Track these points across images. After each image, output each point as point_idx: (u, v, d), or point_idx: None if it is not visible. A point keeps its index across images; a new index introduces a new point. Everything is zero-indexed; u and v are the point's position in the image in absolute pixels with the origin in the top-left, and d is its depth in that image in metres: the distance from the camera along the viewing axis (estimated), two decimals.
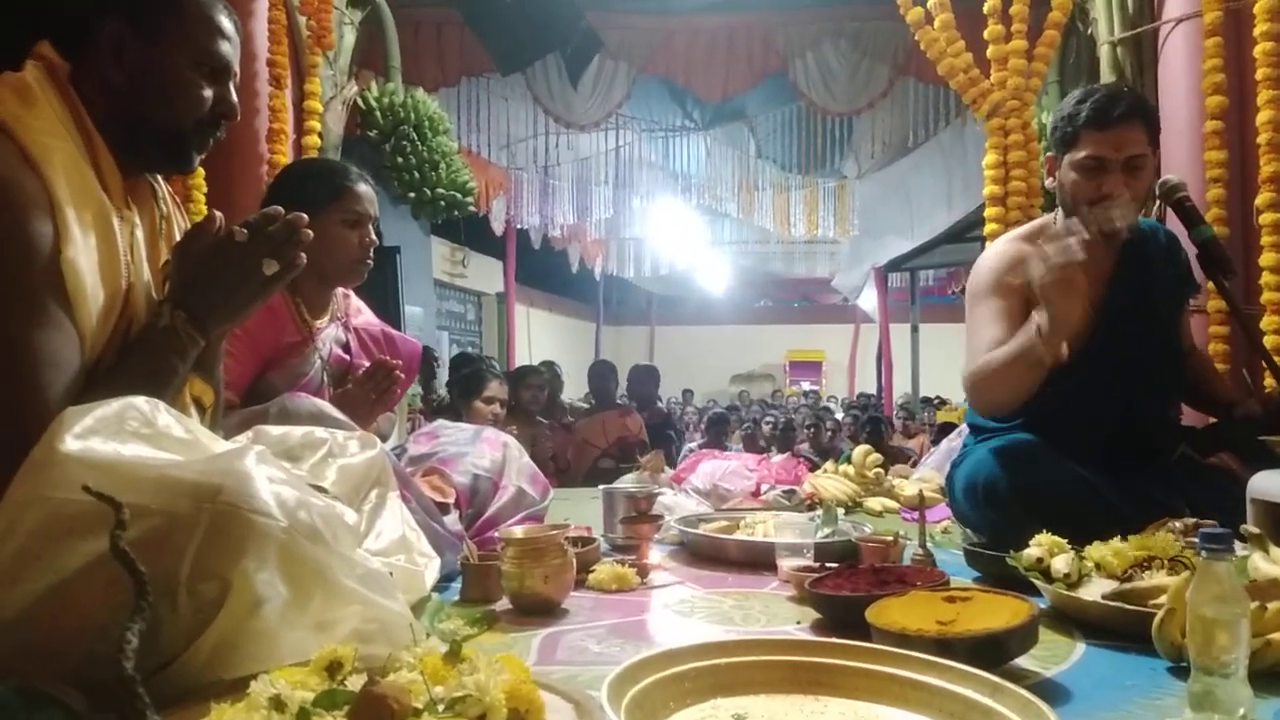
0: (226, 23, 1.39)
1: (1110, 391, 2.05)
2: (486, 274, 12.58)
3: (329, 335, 2.13)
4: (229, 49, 1.39)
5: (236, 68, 1.42)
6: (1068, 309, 1.78)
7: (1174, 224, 2.18)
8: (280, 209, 1.31)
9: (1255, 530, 1.60)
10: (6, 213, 1.15)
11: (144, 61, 1.30)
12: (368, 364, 2.19)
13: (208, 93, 1.36)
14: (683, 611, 1.69)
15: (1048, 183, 2.17)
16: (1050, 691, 1.22)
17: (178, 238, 1.46)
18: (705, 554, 2.16)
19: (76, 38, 1.30)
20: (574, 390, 7.69)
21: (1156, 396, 2.15)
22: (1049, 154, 2.14)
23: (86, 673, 0.97)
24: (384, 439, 2.41)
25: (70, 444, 0.99)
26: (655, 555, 2.07)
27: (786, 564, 1.84)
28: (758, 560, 2.03)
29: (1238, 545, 1.51)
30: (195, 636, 0.96)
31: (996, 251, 2.17)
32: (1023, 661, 1.29)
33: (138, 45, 1.30)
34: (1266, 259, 2.82)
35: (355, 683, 0.91)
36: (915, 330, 10.05)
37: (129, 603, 0.94)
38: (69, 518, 0.95)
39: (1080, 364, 1.99)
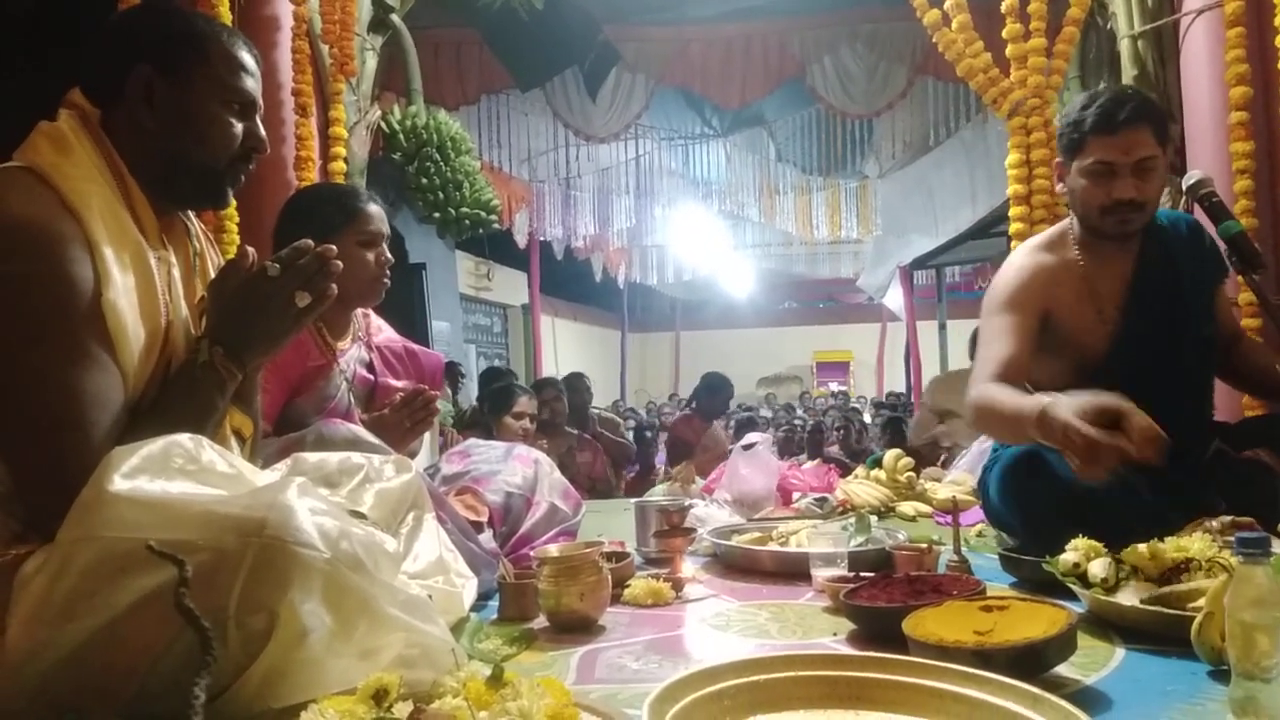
0: (248, 58, 1.42)
1: (1141, 392, 2.02)
2: (511, 286, 12.64)
3: (352, 356, 2.16)
4: (253, 84, 1.42)
5: (260, 101, 1.45)
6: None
7: (1200, 219, 2.17)
8: (310, 242, 1.34)
9: None
10: (47, 258, 1.18)
11: (174, 104, 1.34)
12: (392, 381, 2.21)
13: (237, 129, 1.39)
14: (718, 625, 1.70)
15: (1058, 188, 2.16)
16: (1091, 699, 1.22)
17: (212, 273, 1.49)
18: (739, 565, 2.16)
19: (107, 85, 1.33)
20: (602, 399, 7.71)
21: (1189, 392, 2.13)
22: (1057, 160, 2.13)
23: (139, 708, 1.00)
24: (413, 455, 2.44)
25: (118, 483, 1.02)
26: (689, 568, 2.08)
27: (821, 574, 1.85)
28: (792, 571, 2.03)
29: (1275, 545, 1.50)
30: (244, 668, 0.99)
31: (1015, 265, 2.15)
32: (1062, 669, 1.29)
33: (167, 88, 1.33)
34: None
35: (401, 709, 0.93)
36: (943, 328, 9.97)
37: (179, 637, 0.97)
38: (120, 556, 0.98)
39: (1107, 369, 1.99)
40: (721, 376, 6.30)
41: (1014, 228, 3.39)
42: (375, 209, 2.10)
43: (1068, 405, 1.61)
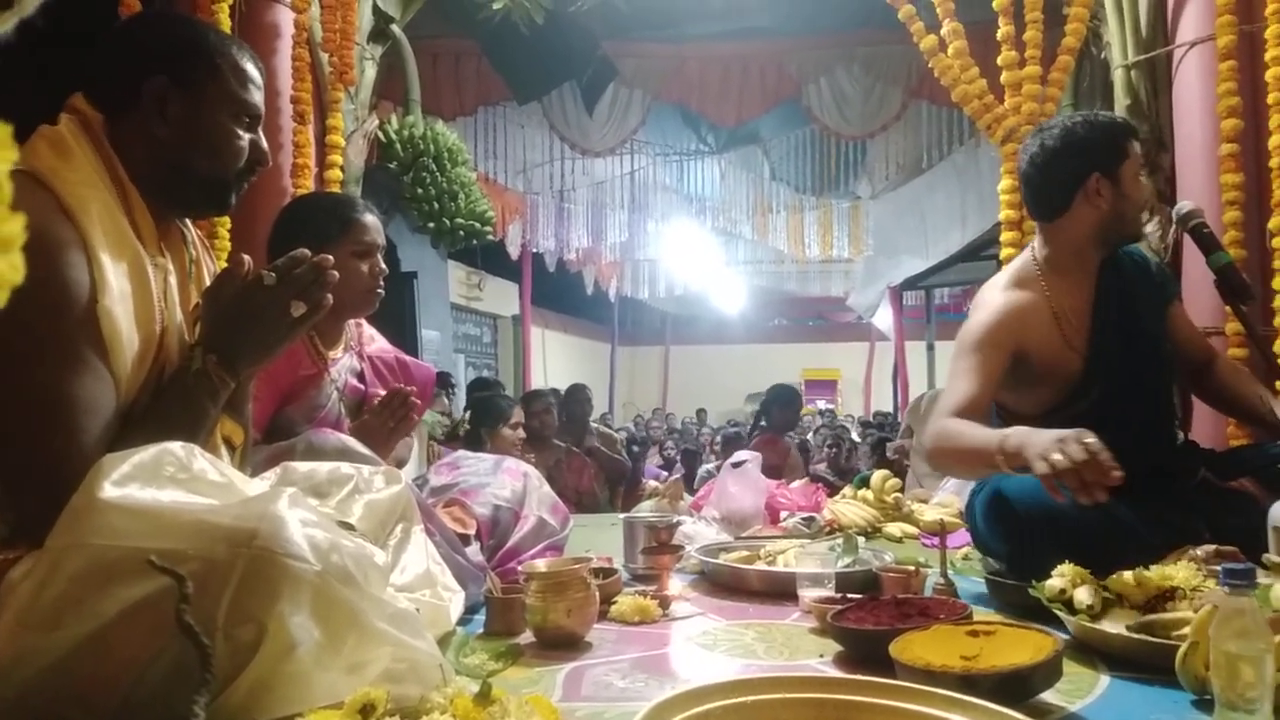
0: (255, 71, 1.43)
1: (1112, 417, 1.98)
2: (503, 297, 12.65)
3: (344, 366, 2.16)
4: (260, 97, 1.44)
5: (263, 112, 1.47)
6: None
7: (1191, 250, 2.19)
8: (306, 252, 1.34)
9: (1277, 559, 1.60)
10: (43, 263, 1.17)
11: (187, 115, 1.35)
12: (383, 392, 2.21)
13: (245, 141, 1.41)
14: (705, 644, 1.69)
15: (1099, 205, 2.05)
16: None
17: (207, 280, 1.49)
18: (726, 584, 2.16)
19: (118, 93, 1.34)
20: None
21: (1158, 409, 2.18)
22: (1096, 176, 2.04)
23: (123, 718, 0.99)
24: (402, 465, 2.43)
25: (109, 491, 1.02)
26: (676, 585, 2.07)
27: (808, 595, 1.84)
28: (779, 590, 2.03)
29: (1260, 575, 1.51)
30: (232, 679, 0.98)
31: (987, 304, 2.14)
32: (1047, 696, 1.29)
33: (180, 99, 1.34)
34: None
35: None
36: (931, 348, 10.03)
37: (167, 648, 0.96)
38: (109, 564, 0.98)
39: (1084, 394, 2.05)
40: (791, 388, 6.02)
41: (1005, 252, 3.42)
42: (371, 220, 2.10)
43: (1048, 433, 1.66)
